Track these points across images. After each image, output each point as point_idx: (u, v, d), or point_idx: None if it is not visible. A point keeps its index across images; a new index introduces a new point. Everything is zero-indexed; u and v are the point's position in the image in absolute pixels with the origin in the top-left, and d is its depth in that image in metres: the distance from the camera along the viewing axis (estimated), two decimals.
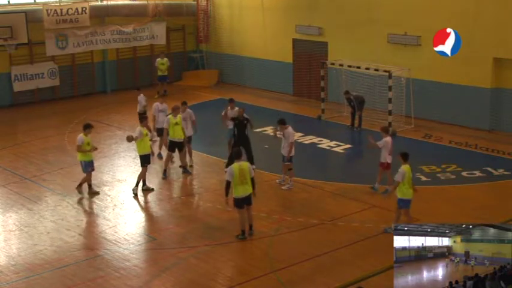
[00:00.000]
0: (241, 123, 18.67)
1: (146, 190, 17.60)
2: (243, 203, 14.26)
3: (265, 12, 29.40)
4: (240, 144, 18.02)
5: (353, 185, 17.69)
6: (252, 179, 14.28)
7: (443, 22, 21.00)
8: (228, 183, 14.09)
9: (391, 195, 14.95)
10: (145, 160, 17.55)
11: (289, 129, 17.52)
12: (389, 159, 16.83)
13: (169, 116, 18.69)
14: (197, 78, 31.72)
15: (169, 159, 18.96)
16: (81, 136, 17.18)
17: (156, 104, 20.54)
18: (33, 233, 15.13)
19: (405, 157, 14.46)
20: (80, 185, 17.43)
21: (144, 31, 30.22)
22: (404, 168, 14.22)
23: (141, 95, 22.81)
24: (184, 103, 19.52)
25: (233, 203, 14.28)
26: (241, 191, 14.14)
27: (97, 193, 17.43)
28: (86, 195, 17.35)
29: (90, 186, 17.54)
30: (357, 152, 21.93)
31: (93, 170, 17.54)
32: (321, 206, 16.48)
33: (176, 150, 18.72)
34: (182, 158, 18.97)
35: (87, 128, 17.35)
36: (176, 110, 18.82)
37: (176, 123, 18.54)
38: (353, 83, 24.84)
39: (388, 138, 16.90)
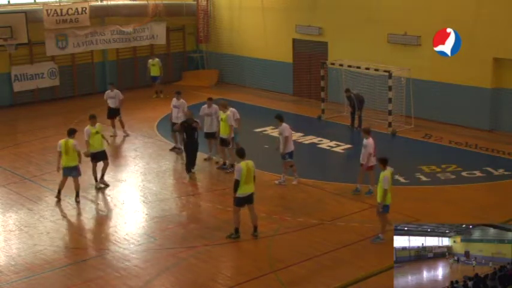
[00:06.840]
0: (190, 127, 18.43)
1: (100, 186, 17.93)
2: (245, 201, 14.24)
3: (265, 12, 29.40)
4: (189, 149, 18.36)
5: (353, 185, 17.61)
6: (254, 177, 14.31)
7: (443, 22, 20.98)
8: (237, 182, 14.00)
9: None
10: (93, 157, 17.87)
11: (283, 125, 17.52)
12: (371, 162, 16.78)
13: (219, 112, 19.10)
14: (197, 78, 31.74)
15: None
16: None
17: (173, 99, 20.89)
18: (33, 233, 15.13)
19: (385, 162, 14.21)
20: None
21: (144, 31, 30.25)
22: (387, 174, 14.04)
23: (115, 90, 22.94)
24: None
25: (234, 201, 14.24)
26: (246, 189, 14.12)
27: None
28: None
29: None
30: (357, 152, 21.75)
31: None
32: (321, 206, 16.47)
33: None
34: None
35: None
36: (225, 106, 19.09)
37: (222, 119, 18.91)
38: (353, 83, 24.81)
39: (370, 140, 16.86)
